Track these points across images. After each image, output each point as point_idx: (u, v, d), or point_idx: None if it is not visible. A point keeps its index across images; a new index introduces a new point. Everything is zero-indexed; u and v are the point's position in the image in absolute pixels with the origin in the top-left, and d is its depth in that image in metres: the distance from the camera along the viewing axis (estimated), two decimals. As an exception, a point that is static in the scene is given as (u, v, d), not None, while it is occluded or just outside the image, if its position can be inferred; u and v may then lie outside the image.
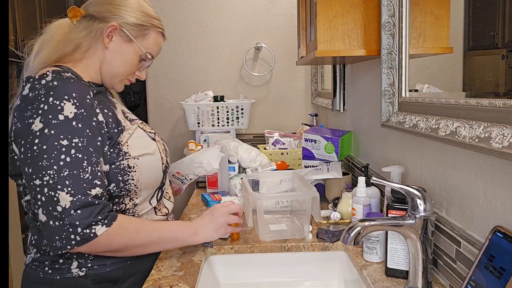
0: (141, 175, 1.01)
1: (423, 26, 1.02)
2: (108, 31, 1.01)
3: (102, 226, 0.90)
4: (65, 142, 0.89)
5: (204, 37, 2.64)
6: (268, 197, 1.34)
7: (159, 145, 1.10)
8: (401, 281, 0.92)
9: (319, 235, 1.17)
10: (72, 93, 0.92)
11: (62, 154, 0.88)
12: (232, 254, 1.14)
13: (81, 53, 1.01)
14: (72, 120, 0.90)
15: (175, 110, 2.69)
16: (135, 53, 1.05)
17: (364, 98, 1.55)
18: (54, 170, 0.87)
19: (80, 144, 0.90)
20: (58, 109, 0.89)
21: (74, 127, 0.90)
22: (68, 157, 0.88)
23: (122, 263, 1.02)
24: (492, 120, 0.69)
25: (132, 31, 1.03)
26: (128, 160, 0.99)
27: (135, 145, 1.01)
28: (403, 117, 1.05)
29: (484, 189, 0.77)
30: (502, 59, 0.73)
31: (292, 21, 2.59)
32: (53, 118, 0.88)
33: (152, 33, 1.06)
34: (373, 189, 1.22)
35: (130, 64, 1.06)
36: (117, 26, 1.01)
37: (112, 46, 1.02)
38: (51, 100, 0.89)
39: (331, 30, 1.22)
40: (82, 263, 0.97)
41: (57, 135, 0.88)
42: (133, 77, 1.10)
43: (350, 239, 0.80)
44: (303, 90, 2.70)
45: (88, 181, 0.90)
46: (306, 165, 1.74)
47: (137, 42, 1.04)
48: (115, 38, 1.02)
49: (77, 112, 0.91)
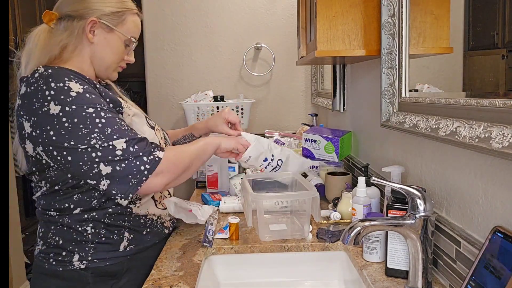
0: None
1: (423, 26, 1.02)
2: (89, 27, 1.03)
3: (159, 151, 1.00)
4: (91, 110, 0.95)
5: (204, 37, 2.64)
6: (268, 197, 1.34)
7: (158, 133, 1.14)
8: (401, 281, 0.92)
9: (319, 235, 1.17)
10: (70, 75, 0.97)
11: (96, 118, 0.94)
12: (232, 254, 1.14)
13: (69, 53, 1.04)
14: (84, 93, 0.96)
15: (175, 110, 2.68)
16: (119, 40, 1.08)
17: (364, 98, 1.55)
18: (97, 132, 0.94)
19: (105, 107, 0.98)
20: (66, 89, 0.94)
21: (89, 98, 0.96)
22: (103, 119, 0.95)
23: (121, 258, 1.05)
24: (492, 120, 0.69)
25: (111, 20, 1.05)
26: None
27: (135, 127, 1.05)
28: (403, 117, 1.05)
29: (484, 189, 0.77)
30: (502, 59, 0.73)
31: (292, 21, 2.59)
32: (66, 97, 0.93)
33: (129, 16, 1.09)
34: (373, 189, 1.22)
35: (118, 52, 1.09)
36: (96, 20, 1.03)
37: (97, 40, 1.05)
38: (54, 85, 0.94)
39: (331, 30, 1.22)
40: (83, 256, 1.01)
41: (80, 107, 0.94)
42: (123, 63, 1.13)
43: (350, 239, 0.80)
44: (303, 90, 2.70)
45: (130, 129, 0.99)
46: (306, 165, 1.74)
47: (118, 30, 1.07)
48: (98, 32, 1.05)
49: (84, 87, 0.97)
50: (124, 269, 1.05)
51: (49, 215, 1.03)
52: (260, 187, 1.41)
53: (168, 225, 1.20)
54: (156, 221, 1.14)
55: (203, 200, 1.63)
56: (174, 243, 1.18)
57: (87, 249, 1.01)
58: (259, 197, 1.18)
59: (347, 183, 1.44)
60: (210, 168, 1.71)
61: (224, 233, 1.21)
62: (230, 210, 1.45)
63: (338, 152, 1.65)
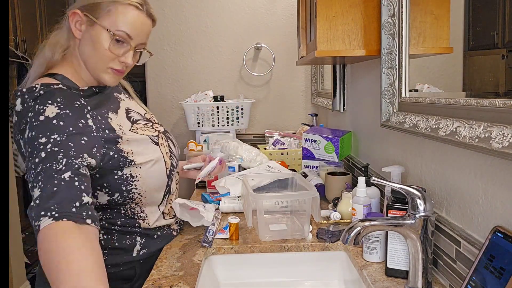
0: (144, 183, 1.01)
1: (423, 26, 1.02)
2: (74, 22, 0.95)
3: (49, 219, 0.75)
4: (43, 140, 0.84)
5: (204, 37, 2.64)
6: (268, 197, 1.34)
7: (162, 148, 1.08)
8: (401, 281, 0.92)
9: (319, 235, 1.17)
10: (57, 98, 0.89)
11: (41, 152, 0.83)
12: (232, 254, 1.14)
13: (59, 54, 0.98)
14: (52, 119, 0.86)
15: (175, 110, 2.68)
16: (103, 34, 0.94)
17: (364, 98, 1.55)
18: (33, 169, 0.82)
19: (59, 139, 0.84)
20: (40, 112, 0.86)
21: (54, 125, 0.86)
22: (44, 153, 0.83)
23: (135, 262, 1.04)
24: (492, 120, 0.69)
25: (94, 12, 0.94)
26: (131, 169, 0.98)
27: (139, 151, 1.00)
28: (403, 117, 1.05)
29: (484, 189, 0.77)
30: (502, 59, 0.73)
31: (292, 21, 2.59)
32: (35, 120, 0.86)
33: (119, 7, 0.95)
34: (373, 189, 1.22)
35: (101, 48, 0.95)
36: (78, 12, 0.95)
37: (83, 37, 0.96)
38: (36, 107, 0.87)
39: (331, 30, 1.22)
40: None
41: (36, 135, 0.85)
42: (117, 64, 0.98)
43: (350, 239, 0.80)
44: (303, 90, 2.70)
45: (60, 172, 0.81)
46: (306, 165, 1.74)
47: (101, 22, 0.94)
48: (84, 27, 0.96)
49: (59, 112, 0.87)
50: (137, 273, 1.04)
51: None
52: (260, 187, 1.41)
53: (175, 227, 1.20)
54: (163, 226, 1.14)
55: (203, 200, 1.63)
56: (174, 243, 1.18)
57: None
58: (259, 197, 1.18)
59: (347, 183, 1.44)
60: (210, 168, 1.71)
61: (224, 233, 1.21)
62: (230, 210, 1.45)
63: (338, 152, 1.65)
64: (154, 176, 1.03)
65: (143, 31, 0.99)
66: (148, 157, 1.01)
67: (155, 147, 1.05)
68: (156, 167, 1.03)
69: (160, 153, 1.06)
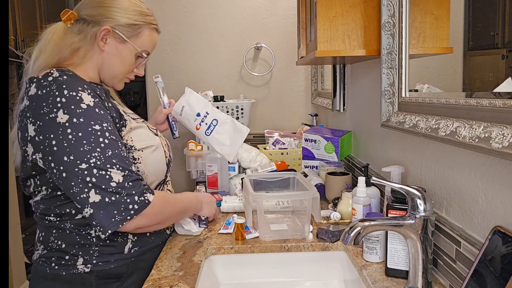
0: (146, 167, 1.05)
1: (423, 26, 1.02)
2: (101, 35, 1.02)
3: (150, 194, 0.97)
4: (97, 127, 0.93)
5: (204, 37, 2.64)
6: (269, 197, 1.34)
7: (161, 140, 1.15)
8: (401, 281, 0.92)
9: (319, 235, 1.17)
10: (84, 85, 0.96)
11: (100, 137, 0.93)
12: (232, 254, 1.14)
13: (80, 58, 1.02)
14: (94, 108, 0.94)
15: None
16: (131, 52, 1.06)
17: (364, 98, 1.56)
18: (98, 152, 0.91)
19: (110, 128, 0.96)
20: (77, 99, 0.92)
21: (98, 114, 0.95)
22: (106, 139, 0.94)
23: (126, 260, 1.03)
24: (492, 120, 0.69)
25: (126, 31, 1.04)
26: (134, 152, 1.03)
27: (139, 139, 1.05)
28: (403, 117, 1.05)
29: (484, 189, 0.77)
30: (502, 59, 0.73)
31: (292, 21, 2.59)
32: (76, 107, 0.92)
33: (146, 30, 1.07)
34: (373, 189, 1.22)
35: (128, 64, 1.08)
36: (110, 29, 1.02)
37: (107, 49, 1.04)
38: (67, 93, 0.92)
39: (331, 30, 1.22)
40: (87, 259, 0.99)
41: (87, 121, 0.92)
42: (132, 75, 1.13)
43: (350, 239, 0.80)
44: (303, 90, 2.70)
45: (127, 158, 0.97)
46: (306, 165, 1.74)
47: (132, 42, 1.05)
48: (110, 41, 1.03)
49: (95, 101, 0.95)
50: (128, 271, 1.04)
51: (49, 220, 1.00)
52: (261, 187, 1.41)
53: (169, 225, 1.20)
54: None
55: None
56: (174, 243, 1.18)
57: (91, 252, 0.99)
58: (259, 197, 1.18)
59: (347, 183, 1.44)
60: (210, 168, 1.71)
61: (228, 229, 1.22)
62: (231, 210, 1.45)
63: (338, 152, 1.65)
64: (155, 161, 1.08)
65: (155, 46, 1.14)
66: (149, 143, 1.07)
67: (155, 136, 1.12)
68: (157, 153, 1.09)
69: (159, 142, 1.12)
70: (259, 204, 1.16)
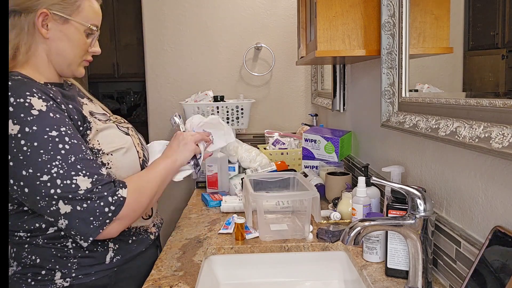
0: (118, 171, 0.97)
1: (423, 26, 1.02)
2: (40, 21, 0.91)
3: (122, 189, 0.91)
4: (54, 133, 0.84)
5: (204, 37, 2.64)
6: (268, 197, 1.34)
7: (134, 139, 1.06)
8: (401, 281, 0.92)
9: (319, 235, 1.17)
10: (32, 88, 0.86)
11: (59, 144, 0.84)
12: (232, 254, 1.14)
13: (24, 56, 0.92)
14: (48, 112, 0.85)
15: (175, 110, 2.68)
16: (78, 31, 0.95)
17: (364, 98, 1.56)
18: (59, 160, 0.83)
19: (70, 131, 0.87)
20: (26, 106, 0.83)
21: (53, 118, 0.86)
22: (67, 145, 0.85)
23: (108, 271, 0.97)
24: (492, 120, 0.69)
25: (64, 9, 0.92)
26: (102, 157, 0.95)
27: (107, 141, 0.97)
28: (403, 117, 1.05)
29: (484, 189, 0.77)
30: (502, 59, 0.73)
31: (292, 21, 2.59)
32: (26, 115, 0.83)
33: (85, 2, 0.95)
34: (373, 189, 1.22)
35: (79, 44, 0.96)
36: (47, 11, 0.90)
37: (52, 35, 0.93)
38: (13, 101, 0.83)
39: (331, 30, 1.22)
40: (65, 273, 0.92)
41: (41, 129, 0.83)
42: (88, 56, 1.01)
43: (350, 239, 0.80)
44: (303, 90, 2.70)
45: (94, 161, 0.90)
46: (306, 165, 1.74)
47: (75, 19, 0.94)
48: (51, 25, 0.92)
49: (47, 105, 0.86)
50: (112, 282, 0.98)
51: (19, 237, 0.92)
52: (261, 187, 1.41)
53: (152, 230, 1.12)
54: (139, 228, 1.07)
55: (203, 201, 1.63)
56: (174, 243, 1.18)
57: (69, 265, 0.92)
58: (259, 197, 1.18)
59: (347, 183, 1.44)
60: (210, 168, 1.71)
61: (228, 229, 1.22)
62: (231, 210, 1.45)
63: (338, 152, 1.65)
64: (128, 164, 1.00)
65: (100, 18, 1.01)
66: (118, 145, 0.99)
67: (125, 136, 1.03)
68: (128, 155, 1.01)
69: (131, 142, 1.03)
70: (259, 204, 1.16)
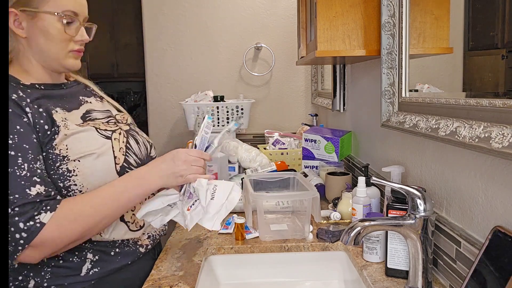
0: (86, 179, 0.90)
1: (423, 26, 1.02)
2: (12, 22, 0.88)
3: (46, 212, 0.81)
4: None
5: (204, 37, 2.64)
6: (268, 197, 1.34)
7: (115, 143, 0.97)
8: (401, 281, 0.92)
9: (319, 235, 1.17)
10: None
11: None
12: (232, 254, 1.14)
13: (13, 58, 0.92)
14: None
15: (175, 110, 2.68)
16: (51, 22, 0.89)
17: (364, 98, 1.56)
18: None
19: (11, 141, 0.81)
20: None
21: None
22: None
23: (84, 283, 0.92)
24: (492, 120, 0.69)
25: (29, 3, 0.88)
26: (68, 164, 0.88)
27: (76, 146, 0.89)
28: (403, 117, 1.05)
29: (484, 189, 0.77)
30: (502, 59, 0.73)
31: (292, 21, 2.59)
32: None
33: None
34: (373, 189, 1.22)
35: (57, 35, 0.91)
36: (15, 10, 0.87)
37: (28, 33, 0.89)
38: None
39: (331, 30, 1.22)
40: (38, 281, 0.89)
41: None
42: (76, 45, 0.95)
43: (350, 239, 0.80)
44: (303, 90, 2.70)
45: (26, 178, 0.81)
46: (306, 165, 1.74)
47: (44, 9, 0.88)
48: (25, 23, 0.89)
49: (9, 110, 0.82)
50: None
51: None
52: (261, 187, 1.41)
53: (145, 243, 1.04)
54: (126, 240, 0.99)
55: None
56: (174, 243, 1.18)
57: (43, 273, 0.89)
58: (259, 197, 1.18)
59: (347, 183, 1.44)
60: (210, 168, 1.71)
61: (228, 229, 1.22)
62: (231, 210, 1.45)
63: (338, 152, 1.65)
64: (98, 171, 0.91)
65: (82, 3, 0.95)
66: (89, 150, 0.91)
67: (104, 140, 0.94)
68: (100, 161, 0.92)
69: (108, 147, 0.94)
70: (259, 204, 1.16)
